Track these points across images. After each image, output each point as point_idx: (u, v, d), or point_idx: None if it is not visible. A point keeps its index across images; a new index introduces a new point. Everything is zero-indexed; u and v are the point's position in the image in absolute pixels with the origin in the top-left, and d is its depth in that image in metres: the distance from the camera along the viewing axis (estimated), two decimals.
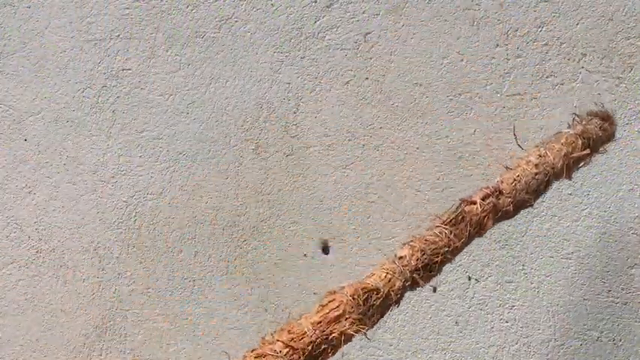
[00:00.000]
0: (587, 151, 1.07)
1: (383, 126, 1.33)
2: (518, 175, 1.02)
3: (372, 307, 0.89)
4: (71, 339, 1.41)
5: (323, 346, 0.86)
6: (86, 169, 1.41)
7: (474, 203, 0.98)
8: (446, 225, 0.97)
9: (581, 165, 1.09)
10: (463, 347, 1.32)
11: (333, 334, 0.87)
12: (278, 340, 0.86)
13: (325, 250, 1.35)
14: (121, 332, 1.40)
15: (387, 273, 0.91)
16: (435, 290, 1.08)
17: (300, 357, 0.84)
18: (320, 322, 0.87)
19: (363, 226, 1.34)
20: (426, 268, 0.93)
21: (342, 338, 0.87)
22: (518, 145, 1.12)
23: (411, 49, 1.32)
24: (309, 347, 0.85)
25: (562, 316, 1.30)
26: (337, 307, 0.87)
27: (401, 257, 0.93)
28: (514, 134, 1.15)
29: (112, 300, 1.40)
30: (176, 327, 1.38)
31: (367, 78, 1.33)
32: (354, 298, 0.87)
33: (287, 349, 0.84)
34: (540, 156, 1.04)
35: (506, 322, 1.31)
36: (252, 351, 0.85)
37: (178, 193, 1.38)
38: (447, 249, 0.95)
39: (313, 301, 1.35)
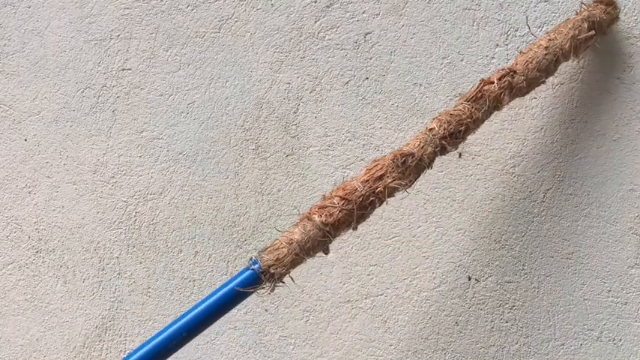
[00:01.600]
0: (592, 32, 1.21)
1: (383, 126, 1.33)
2: (530, 57, 1.17)
3: (409, 168, 1.08)
4: (71, 339, 1.41)
5: (371, 198, 1.07)
6: (86, 169, 1.41)
7: (492, 82, 1.14)
8: (468, 102, 1.13)
9: (588, 45, 1.22)
10: (463, 347, 1.32)
11: (379, 189, 1.07)
12: (335, 195, 1.06)
13: (325, 250, 1.35)
14: (121, 332, 1.40)
15: (420, 141, 1.10)
16: (460, 156, 1.21)
17: (353, 207, 1.06)
18: (367, 180, 1.07)
19: (363, 226, 1.34)
20: (453, 136, 1.11)
21: (386, 191, 1.07)
22: (531, 33, 1.28)
23: (411, 49, 1.32)
24: (360, 199, 1.06)
25: (562, 316, 1.30)
26: (380, 168, 1.07)
27: (431, 129, 1.11)
28: (527, 24, 1.29)
29: (112, 300, 1.40)
30: None
31: (367, 78, 1.33)
32: (393, 161, 1.07)
33: (343, 201, 1.05)
34: (550, 40, 1.19)
35: (506, 322, 1.31)
36: (316, 206, 1.06)
37: (178, 193, 1.38)
38: (469, 120, 1.12)
39: (314, 300, 1.35)
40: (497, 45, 1.30)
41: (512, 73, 1.15)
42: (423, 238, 1.32)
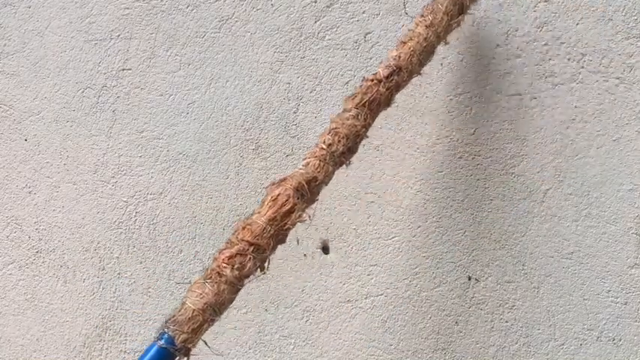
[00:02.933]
0: (462, 17, 1.19)
1: (383, 126, 1.33)
2: (412, 49, 1.11)
3: (312, 193, 1.01)
4: (71, 339, 1.41)
5: (280, 237, 0.98)
6: (86, 169, 1.41)
7: (380, 81, 1.07)
8: (360, 107, 1.05)
9: (453, 28, 1.19)
10: (463, 347, 1.32)
11: (287, 225, 0.98)
12: (242, 240, 0.97)
13: (325, 250, 1.35)
14: (121, 332, 1.40)
15: (320, 160, 1.01)
16: (348, 165, 1.10)
17: (264, 250, 0.96)
18: (274, 217, 0.97)
19: (363, 226, 1.34)
20: (350, 150, 1.05)
21: (293, 225, 0.99)
22: (406, 13, 1.27)
23: None
24: (269, 241, 0.97)
25: (562, 316, 1.30)
26: (286, 200, 0.98)
27: (329, 145, 1.03)
28: (403, 4, 1.28)
29: (112, 300, 1.40)
30: None
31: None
32: (298, 190, 0.98)
33: (252, 247, 0.96)
34: (427, 27, 1.13)
35: (506, 322, 1.31)
36: (221, 252, 0.97)
37: (178, 193, 1.38)
38: (364, 129, 1.05)
39: (314, 300, 1.35)
40: (498, 45, 1.30)
41: (398, 71, 1.09)
42: (423, 238, 1.32)
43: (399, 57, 1.10)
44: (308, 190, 1.00)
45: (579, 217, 1.29)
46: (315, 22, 1.34)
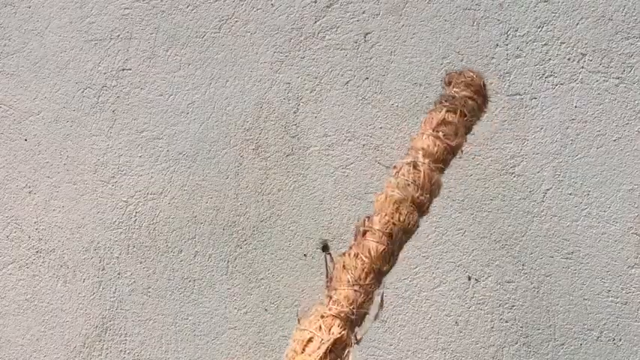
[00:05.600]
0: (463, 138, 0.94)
1: (383, 126, 1.33)
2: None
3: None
4: (71, 339, 1.41)
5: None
6: (86, 169, 1.41)
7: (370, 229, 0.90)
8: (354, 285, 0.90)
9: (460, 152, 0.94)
10: (463, 347, 1.32)
11: None
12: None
13: (325, 250, 1.35)
14: (121, 332, 1.40)
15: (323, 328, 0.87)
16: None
17: None
18: None
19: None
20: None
21: None
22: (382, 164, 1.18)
23: (411, 49, 1.32)
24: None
25: (562, 316, 1.30)
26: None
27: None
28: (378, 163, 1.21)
29: (112, 300, 1.40)
30: (176, 327, 1.38)
31: (367, 78, 1.33)
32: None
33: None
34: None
35: (506, 322, 1.31)
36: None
37: (178, 193, 1.38)
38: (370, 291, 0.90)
39: (314, 300, 1.35)
40: (497, 45, 1.30)
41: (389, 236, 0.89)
42: (423, 238, 1.32)
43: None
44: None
45: (579, 217, 1.29)
46: (315, 22, 1.34)
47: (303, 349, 0.87)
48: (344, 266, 0.90)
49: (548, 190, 1.30)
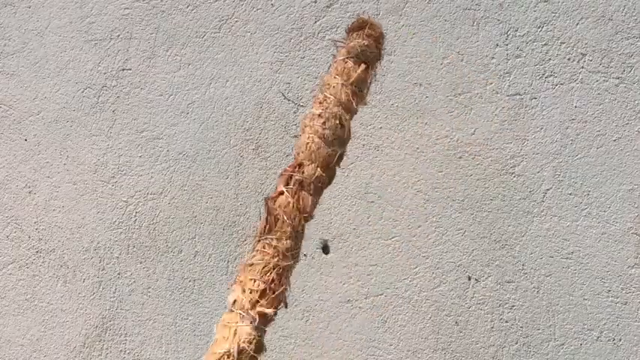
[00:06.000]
0: (364, 66, 0.97)
1: (383, 126, 1.33)
2: (308, 137, 0.92)
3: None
4: (71, 339, 1.41)
5: None
6: (86, 169, 1.41)
7: (282, 193, 0.90)
8: (265, 235, 0.88)
9: (369, 82, 0.98)
10: (463, 347, 1.32)
11: None
12: None
13: (325, 250, 1.35)
14: (121, 332, 1.40)
15: (230, 328, 0.85)
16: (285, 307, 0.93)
17: None
18: None
19: (363, 226, 1.34)
20: (266, 292, 0.87)
21: None
22: (291, 101, 1.17)
23: (411, 49, 1.32)
24: None
25: (562, 316, 1.30)
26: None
27: (234, 302, 0.87)
28: (283, 94, 1.21)
29: (112, 300, 1.40)
30: (176, 327, 1.38)
31: None
32: None
33: None
34: (321, 103, 0.94)
35: (506, 322, 1.31)
36: None
37: (178, 193, 1.38)
38: (280, 258, 0.89)
39: (314, 300, 1.35)
40: (497, 45, 1.30)
41: (298, 169, 0.91)
42: (423, 238, 1.32)
43: (297, 154, 0.93)
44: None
45: (579, 217, 1.29)
46: (315, 22, 1.34)
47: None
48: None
49: (548, 190, 1.30)
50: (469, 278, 1.32)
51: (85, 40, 1.40)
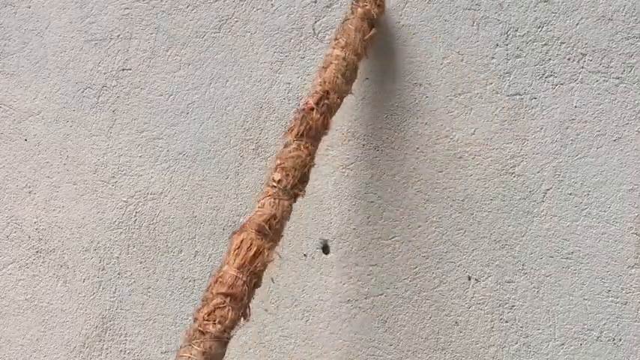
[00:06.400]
0: (374, 30, 1.22)
1: (383, 126, 1.33)
2: (335, 71, 1.15)
3: (274, 230, 1.03)
4: (71, 339, 1.41)
5: (254, 281, 1.00)
6: (86, 169, 1.41)
7: (312, 109, 1.11)
8: (300, 138, 1.09)
9: (372, 43, 1.24)
10: (463, 347, 1.32)
11: (258, 268, 0.99)
12: (218, 293, 0.97)
13: (325, 250, 1.35)
14: (121, 332, 1.40)
15: (273, 197, 1.04)
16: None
17: (241, 298, 0.98)
18: (243, 263, 0.98)
19: (363, 226, 1.34)
20: (301, 181, 1.08)
21: (264, 266, 1.01)
22: (317, 38, 1.31)
23: (411, 49, 1.32)
24: (244, 288, 0.98)
25: (562, 316, 1.30)
26: (250, 245, 1.00)
27: (279, 181, 1.06)
28: (313, 29, 1.32)
29: (112, 300, 1.40)
30: (176, 327, 1.38)
31: (367, 78, 1.33)
32: (260, 232, 1.01)
33: (229, 298, 0.97)
34: (343, 48, 1.17)
35: (506, 322, 1.31)
36: (199, 311, 0.97)
37: (178, 193, 1.38)
38: (309, 157, 1.09)
39: (314, 300, 1.35)
40: (497, 45, 1.30)
41: (326, 95, 1.13)
42: (423, 238, 1.32)
43: (324, 82, 1.14)
44: (269, 229, 1.02)
45: (579, 217, 1.29)
46: (315, 22, 1.34)
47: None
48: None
49: (548, 190, 1.30)
50: (469, 278, 1.32)
51: (85, 40, 1.40)
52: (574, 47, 1.28)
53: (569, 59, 1.29)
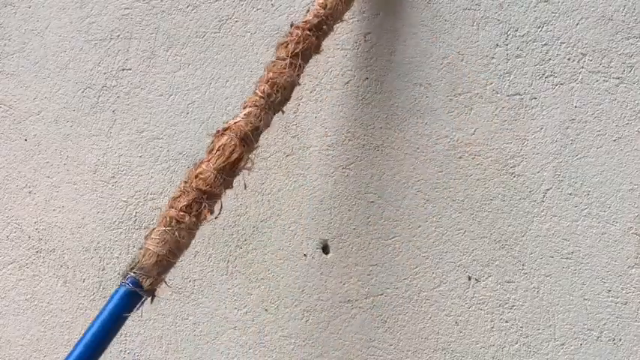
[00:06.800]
0: None
1: (383, 126, 1.33)
2: (333, 4, 1.19)
3: (255, 141, 1.09)
4: (71, 339, 1.41)
5: (228, 184, 1.07)
6: (86, 169, 1.41)
7: (311, 30, 1.15)
8: (294, 56, 1.13)
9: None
10: (463, 347, 1.32)
11: (235, 173, 1.07)
12: (197, 189, 1.05)
13: (325, 250, 1.35)
14: (121, 332, 1.40)
15: (260, 110, 1.09)
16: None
17: (217, 197, 1.05)
18: (224, 167, 1.06)
19: (363, 226, 1.34)
20: (286, 98, 1.13)
21: (239, 173, 1.08)
22: None
23: (411, 49, 1.32)
24: (221, 187, 1.06)
25: (562, 316, 1.30)
26: (233, 151, 1.06)
27: (269, 94, 1.11)
28: None
29: None
30: (176, 327, 1.38)
31: (367, 78, 1.33)
32: (243, 140, 1.06)
33: (206, 195, 1.05)
34: None
35: (506, 322, 1.31)
36: (177, 200, 1.04)
37: None
38: (298, 78, 1.13)
39: (314, 300, 1.35)
40: (497, 45, 1.30)
41: (326, 20, 1.17)
42: (423, 238, 1.32)
43: (326, 5, 1.18)
44: (252, 139, 1.08)
45: (579, 217, 1.29)
46: None
47: None
48: None
49: (548, 190, 1.30)
50: (469, 278, 1.32)
51: (85, 40, 1.40)
52: (574, 47, 1.28)
53: (569, 59, 1.29)
